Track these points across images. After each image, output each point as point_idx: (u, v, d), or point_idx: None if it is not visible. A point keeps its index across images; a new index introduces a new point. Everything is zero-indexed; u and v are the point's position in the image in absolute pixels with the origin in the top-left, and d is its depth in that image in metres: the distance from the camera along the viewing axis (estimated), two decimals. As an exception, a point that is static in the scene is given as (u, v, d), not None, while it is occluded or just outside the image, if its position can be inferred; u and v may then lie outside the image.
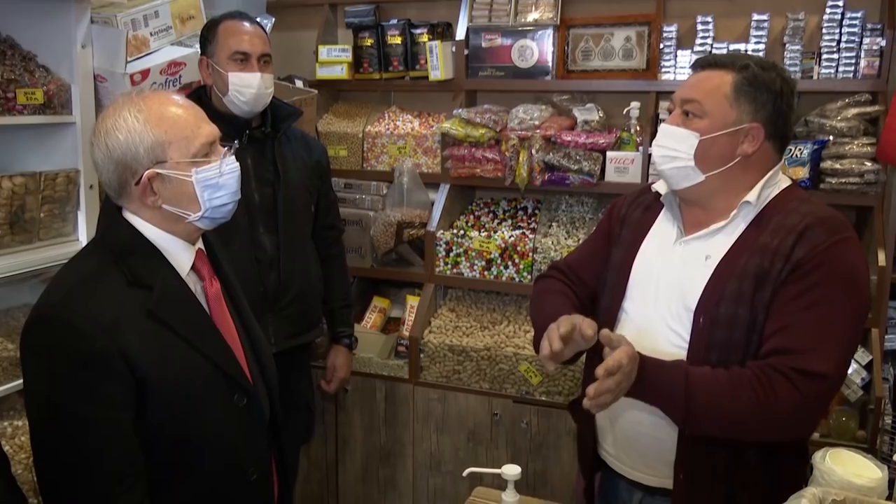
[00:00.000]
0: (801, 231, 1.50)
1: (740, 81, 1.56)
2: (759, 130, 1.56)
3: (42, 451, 1.34)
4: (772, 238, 1.53)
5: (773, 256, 1.51)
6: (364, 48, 3.18)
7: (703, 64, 1.64)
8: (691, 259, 1.61)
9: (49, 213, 2.25)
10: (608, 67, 2.88)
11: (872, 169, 2.41)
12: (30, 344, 1.34)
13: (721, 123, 1.56)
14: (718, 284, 1.54)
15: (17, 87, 2.15)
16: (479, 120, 2.84)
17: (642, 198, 1.81)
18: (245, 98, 2.22)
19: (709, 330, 1.53)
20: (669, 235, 1.69)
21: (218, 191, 1.42)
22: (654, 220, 1.74)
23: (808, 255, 1.48)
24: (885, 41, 2.46)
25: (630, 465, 1.70)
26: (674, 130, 1.61)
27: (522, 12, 2.94)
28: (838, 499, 1.26)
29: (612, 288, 1.74)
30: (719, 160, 1.58)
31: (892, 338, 2.56)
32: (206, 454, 1.42)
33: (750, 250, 1.54)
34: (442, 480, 2.96)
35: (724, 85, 1.57)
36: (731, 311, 1.52)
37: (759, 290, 1.50)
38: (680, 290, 1.59)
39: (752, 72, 1.57)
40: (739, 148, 1.57)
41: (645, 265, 1.69)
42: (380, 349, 3.04)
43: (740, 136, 1.57)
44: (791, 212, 1.55)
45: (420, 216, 3.02)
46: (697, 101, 1.58)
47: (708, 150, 1.57)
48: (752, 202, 1.57)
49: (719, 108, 1.57)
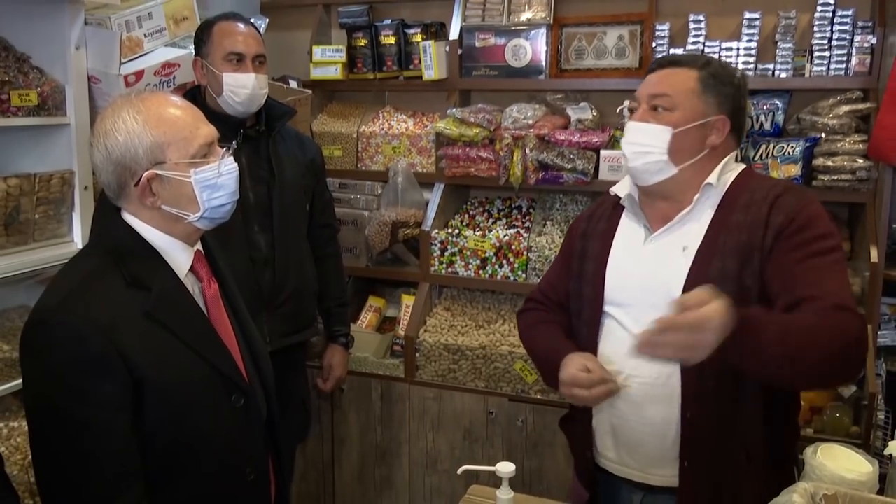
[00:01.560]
0: (772, 201, 1.57)
1: (705, 76, 1.63)
2: (725, 122, 1.63)
3: (40, 453, 1.35)
4: (745, 214, 1.58)
5: (750, 229, 1.56)
6: (358, 48, 3.18)
7: (664, 63, 1.69)
8: (667, 252, 1.64)
9: (44, 214, 2.25)
10: (601, 66, 2.89)
11: (864, 166, 2.43)
12: (29, 345, 1.34)
13: (691, 115, 1.62)
14: (702, 268, 1.57)
15: (11, 89, 2.15)
16: (473, 119, 2.85)
17: (601, 210, 1.84)
18: (240, 99, 2.23)
19: None
20: (637, 236, 1.71)
21: (217, 191, 1.43)
22: (616, 226, 1.77)
23: (788, 218, 1.54)
24: (875, 39, 2.48)
25: (635, 468, 1.70)
26: (644, 126, 1.65)
27: (516, 12, 2.95)
28: (829, 493, 1.28)
29: (591, 300, 1.75)
30: (690, 152, 1.63)
31: (885, 334, 2.57)
32: (204, 454, 1.42)
33: (726, 230, 1.58)
34: (438, 479, 2.96)
35: (689, 80, 1.63)
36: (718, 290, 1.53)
37: (746, 266, 1.54)
38: (662, 284, 1.61)
39: (715, 67, 1.65)
40: (708, 139, 1.63)
41: (619, 270, 1.72)
42: (375, 348, 3.05)
43: (708, 128, 1.63)
44: (755, 189, 1.62)
45: (415, 216, 3.03)
46: (668, 95, 1.63)
47: (680, 142, 1.61)
48: (714, 183, 1.62)
49: (689, 101, 1.62)
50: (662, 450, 1.64)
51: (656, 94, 1.64)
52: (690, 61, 1.66)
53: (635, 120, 1.67)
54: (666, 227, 1.66)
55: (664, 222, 1.66)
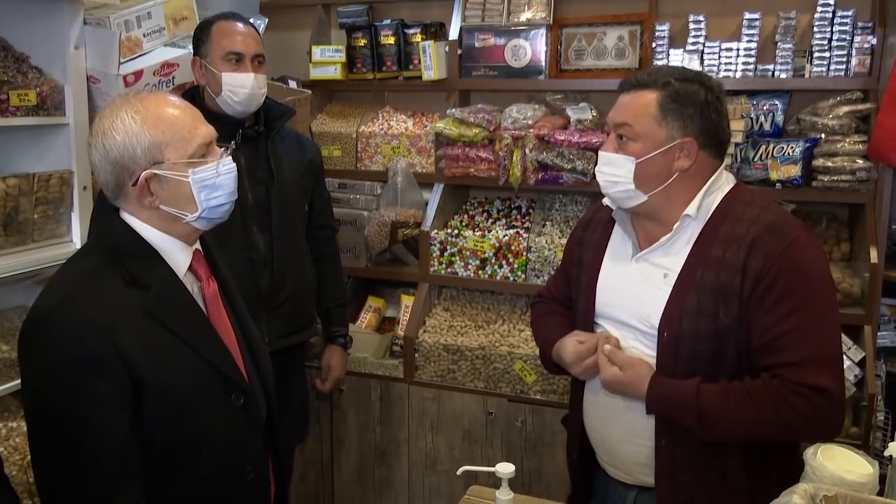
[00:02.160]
0: (749, 243, 1.53)
1: (664, 100, 1.57)
2: (692, 144, 1.57)
3: (40, 452, 1.35)
4: (723, 251, 1.55)
5: (727, 270, 1.53)
6: (357, 48, 3.18)
7: (628, 86, 1.64)
8: (650, 276, 1.64)
9: (43, 214, 2.25)
10: (601, 67, 2.89)
11: (864, 166, 2.43)
12: (27, 345, 1.34)
13: (653, 144, 1.58)
14: (678, 301, 1.57)
15: (10, 89, 2.15)
16: (473, 119, 2.85)
17: (598, 217, 1.84)
18: (238, 98, 2.22)
19: (674, 344, 1.57)
20: (626, 251, 1.71)
21: (215, 191, 1.42)
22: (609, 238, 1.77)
23: (766, 267, 1.50)
24: (875, 39, 2.48)
25: (624, 471, 1.72)
26: (610, 157, 1.63)
27: (515, 12, 2.94)
28: (830, 495, 1.27)
29: (583, 312, 1.77)
30: (657, 179, 1.59)
31: (885, 335, 2.57)
32: (203, 454, 1.42)
33: (704, 264, 1.56)
34: (437, 479, 2.96)
35: (650, 105, 1.58)
36: (693, 325, 1.55)
37: (722, 305, 1.53)
38: (643, 308, 1.63)
39: (674, 88, 1.57)
40: (675, 164, 1.58)
41: (608, 285, 1.73)
42: (374, 349, 3.04)
43: (675, 152, 1.58)
44: (737, 220, 1.57)
45: (414, 216, 3.02)
46: (628, 125, 1.60)
47: (645, 171, 1.59)
48: (693, 215, 1.59)
49: (650, 129, 1.58)
50: (645, 456, 1.65)
51: (619, 124, 1.62)
52: (651, 82, 1.59)
53: (604, 150, 1.65)
54: (650, 250, 1.65)
55: (650, 242, 1.66)
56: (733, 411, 1.50)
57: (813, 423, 1.49)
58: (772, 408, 1.48)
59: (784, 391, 1.47)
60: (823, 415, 1.48)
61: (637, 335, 1.65)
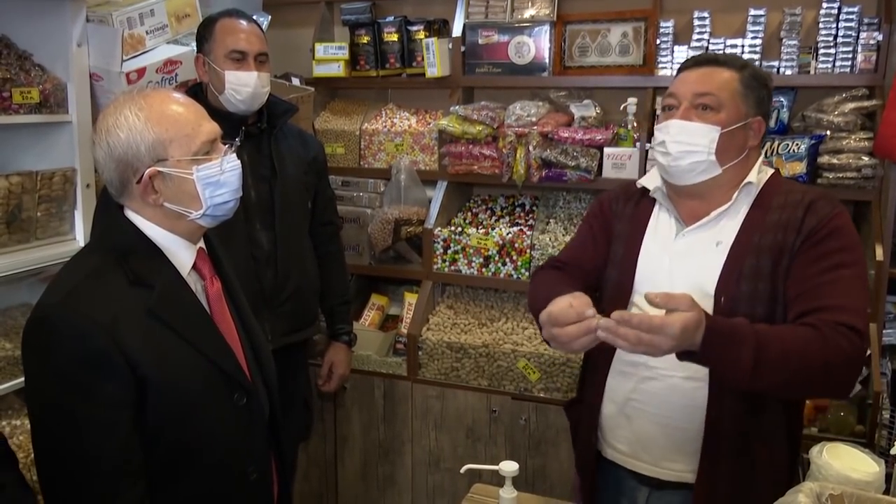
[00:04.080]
0: (807, 204, 1.58)
1: (747, 78, 1.63)
2: (761, 124, 1.64)
3: (43, 450, 1.34)
4: (780, 214, 1.59)
5: (785, 230, 1.57)
6: (360, 45, 3.18)
7: (702, 61, 1.68)
8: (701, 247, 1.64)
9: (46, 212, 2.25)
10: (605, 63, 2.88)
11: (870, 163, 2.42)
12: (31, 343, 1.33)
13: (736, 116, 1.62)
14: (736, 264, 1.58)
15: (13, 87, 2.15)
16: (476, 117, 2.84)
17: (626, 194, 1.82)
18: (241, 97, 2.22)
19: (730, 308, 1.56)
20: (669, 229, 1.70)
21: (219, 188, 1.42)
22: (647, 215, 1.75)
23: (820, 224, 1.55)
24: (881, 36, 2.46)
25: (647, 461, 1.69)
26: (691, 126, 1.62)
27: (519, 9, 2.94)
28: (835, 493, 1.27)
29: (617, 285, 1.73)
30: (734, 152, 1.63)
31: (890, 332, 2.56)
32: (206, 453, 1.42)
33: (761, 229, 1.59)
34: (441, 477, 2.96)
35: (733, 80, 1.63)
36: (751, 287, 1.56)
37: (778, 264, 1.56)
38: (696, 278, 1.61)
39: (752, 70, 1.65)
40: (748, 141, 1.64)
41: (651, 261, 1.70)
42: (378, 347, 3.04)
43: (748, 129, 1.63)
44: (788, 191, 1.63)
45: (418, 213, 3.02)
46: (714, 95, 1.61)
47: (726, 143, 1.61)
48: (754, 181, 1.63)
49: (733, 102, 1.62)
50: (681, 443, 1.63)
51: (701, 93, 1.61)
52: (729, 61, 1.65)
53: (678, 118, 1.63)
54: (701, 223, 1.65)
55: (695, 219, 1.66)
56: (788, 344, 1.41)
57: (849, 366, 1.46)
58: (820, 342, 1.42)
59: (827, 329, 1.44)
60: (858, 356, 1.46)
61: None
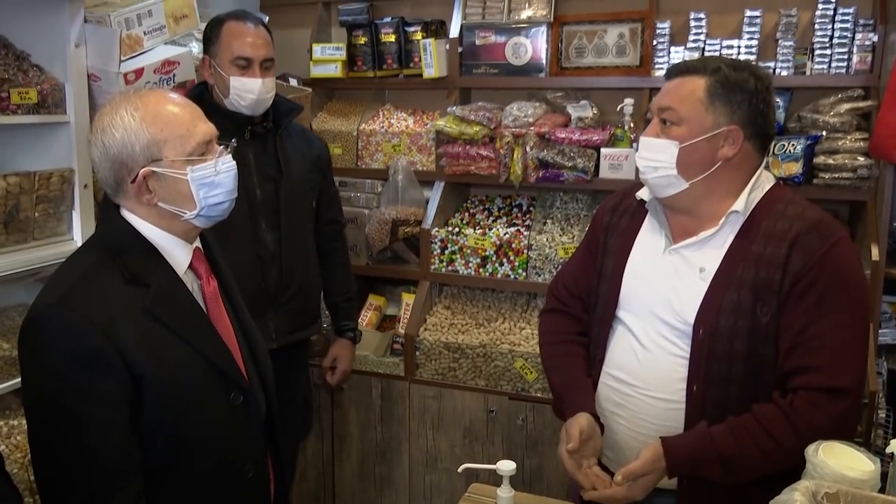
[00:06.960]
0: (792, 239, 1.51)
1: (713, 85, 1.56)
2: (737, 132, 1.56)
3: (39, 449, 1.35)
4: (764, 247, 1.53)
5: (768, 266, 1.52)
6: (358, 46, 3.18)
7: (676, 71, 1.64)
8: (684, 270, 1.62)
9: (44, 212, 2.25)
10: (602, 64, 2.88)
11: (865, 164, 2.42)
12: (27, 341, 1.34)
13: (699, 129, 1.56)
14: (716, 297, 1.55)
15: (11, 87, 2.15)
16: (474, 117, 2.85)
17: (625, 203, 1.81)
18: (245, 102, 2.21)
19: (709, 342, 1.55)
20: (658, 244, 1.69)
21: (214, 189, 1.42)
22: (639, 226, 1.74)
23: (807, 265, 1.49)
24: (877, 36, 2.47)
25: None
26: (652, 142, 1.61)
27: (516, 9, 2.94)
28: (831, 492, 1.27)
29: (605, 299, 1.74)
30: (701, 166, 1.58)
31: (886, 332, 2.56)
32: (202, 452, 1.42)
33: (744, 261, 1.54)
34: (438, 477, 2.96)
35: (697, 90, 1.57)
36: (731, 322, 1.53)
37: (761, 301, 1.52)
38: (676, 303, 1.60)
39: (724, 74, 1.56)
40: (720, 152, 1.57)
41: (636, 275, 1.70)
42: (375, 347, 3.05)
43: (719, 139, 1.57)
44: (779, 216, 1.56)
45: (415, 214, 3.02)
46: (673, 109, 1.59)
47: (688, 157, 1.57)
48: (740, 210, 1.57)
49: (695, 114, 1.57)
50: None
51: (663, 108, 1.61)
52: (700, 68, 1.59)
53: (646, 135, 1.64)
54: (686, 244, 1.63)
55: (686, 236, 1.64)
56: (753, 449, 1.48)
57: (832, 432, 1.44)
58: (791, 433, 1.45)
59: (799, 408, 1.45)
60: (836, 423, 1.46)
61: (664, 331, 1.62)
